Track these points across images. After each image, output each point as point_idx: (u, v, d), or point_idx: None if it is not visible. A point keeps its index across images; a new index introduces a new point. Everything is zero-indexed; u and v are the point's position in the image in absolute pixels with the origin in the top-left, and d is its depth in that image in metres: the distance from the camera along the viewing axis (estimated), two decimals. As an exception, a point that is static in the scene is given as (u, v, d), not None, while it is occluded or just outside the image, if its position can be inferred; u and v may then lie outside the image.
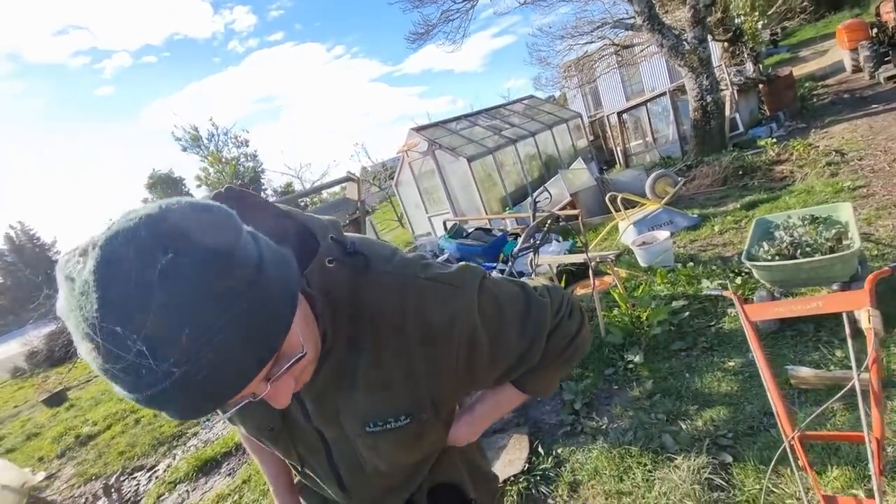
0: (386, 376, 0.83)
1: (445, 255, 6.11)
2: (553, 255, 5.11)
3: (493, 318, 0.87)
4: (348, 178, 4.29)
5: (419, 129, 8.33)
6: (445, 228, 7.42)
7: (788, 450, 1.62)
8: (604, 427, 2.95)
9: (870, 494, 1.88)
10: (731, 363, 3.13)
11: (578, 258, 4.08)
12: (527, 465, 2.77)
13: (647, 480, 2.41)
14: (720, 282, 4.05)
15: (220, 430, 5.10)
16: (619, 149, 11.33)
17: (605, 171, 11.02)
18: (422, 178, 8.78)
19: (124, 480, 4.80)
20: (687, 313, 3.77)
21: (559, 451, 2.87)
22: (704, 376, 3.10)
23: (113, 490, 4.30)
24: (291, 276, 0.66)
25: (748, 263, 3.22)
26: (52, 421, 8.03)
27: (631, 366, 3.47)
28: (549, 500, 2.55)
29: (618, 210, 6.19)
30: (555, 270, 5.17)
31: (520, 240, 3.68)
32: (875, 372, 1.60)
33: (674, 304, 3.99)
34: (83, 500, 4.66)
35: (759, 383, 2.85)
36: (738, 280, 3.92)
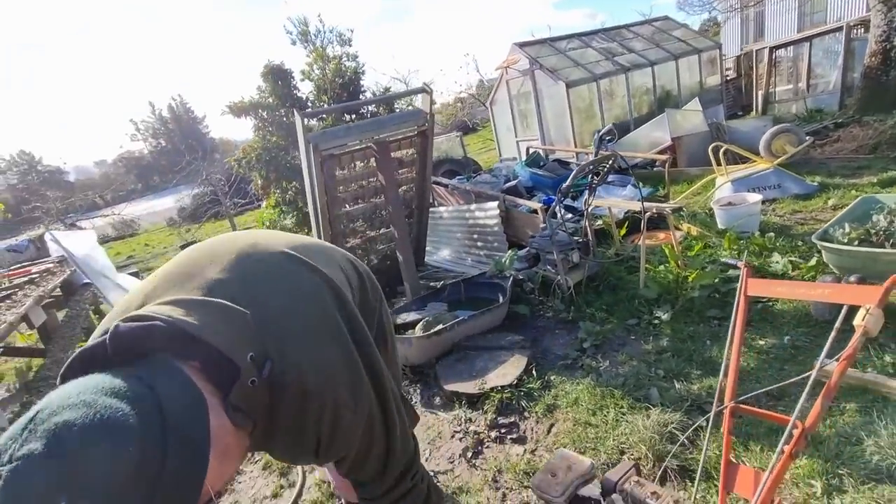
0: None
1: (513, 182, 6.09)
2: (610, 199, 4.88)
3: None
4: (422, 90, 4.37)
5: (522, 45, 7.83)
6: (527, 154, 7.27)
7: (723, 416, 1.65)
8: (601, 368, 3.06)
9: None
10: (762, 342, 2.96)
11: (634, 205, 3.90)
12: (516, 381, 3.03)
13: (616, 420, 2.54)
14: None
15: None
16: (760, 92, 9.67)
17: (736, 118, 9.60)
18: (518, 99, 8.43)
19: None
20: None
21: (551, 377, 3.06)
22: (725, 347, 2.98)
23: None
24: (197, 454, 0.72)
25: (818, 243, 2.87)
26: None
27: (656, 321, 3.42)
28: (525, 413, 2.81)
29: (719, 164, 5.55)
30: (620, 216, 4.96)
31: (571, 176, 3.59)
32: (841, 368, 1.52)
33: (730, 272, 3.71)
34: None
35: (778, 366, 2.71)
36: (813, 261, 3.49)
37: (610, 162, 3.75)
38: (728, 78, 11.34)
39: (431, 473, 2.54)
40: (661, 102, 8.44)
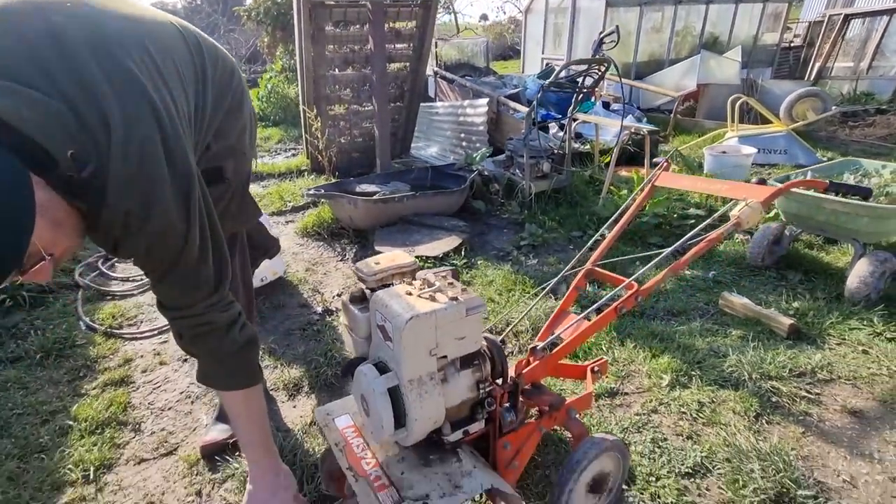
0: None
1: (517, 90, 5.82)
2: (597, 116, 4.68)
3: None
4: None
5: (574, -52, 7.10)
6: (542, 66, 6.88)
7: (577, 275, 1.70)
8: (527, 264, 3.12)
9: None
10: (688, 272, 2.98)
11: (615, 123, 3.75)
12: (442, 255, 3.11)
13: (510, 302, 2.64)
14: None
15: (277, 160, 6.06)
16: (816, 63, 8.89)
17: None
18: (555, 12, 7.81)
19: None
20: (692, 220, 3.46)
21: (479, 261, 3.14)
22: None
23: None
24: (19, 214, 0.77)
25: (774, 183, 2.77)
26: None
27: (600, 238, 3.42)
28: (440, 283, 2.92)
29: (734, 120, 5.25)
30: (607, 142, 4.79)
31: (556, 72, 3.40)
32: (696, 249, 1.53)
33: (691, 210, 3.65)
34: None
35: (690, 293, 2.75)
36: (772, 214, 3.42)
37: (602, 69, 3.54)
38: (790, 44, 10.38)
39: (335, 310, 2.70)
40: (705, 47, 7.80)
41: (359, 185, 4.02)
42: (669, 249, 1.52)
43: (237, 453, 1.69)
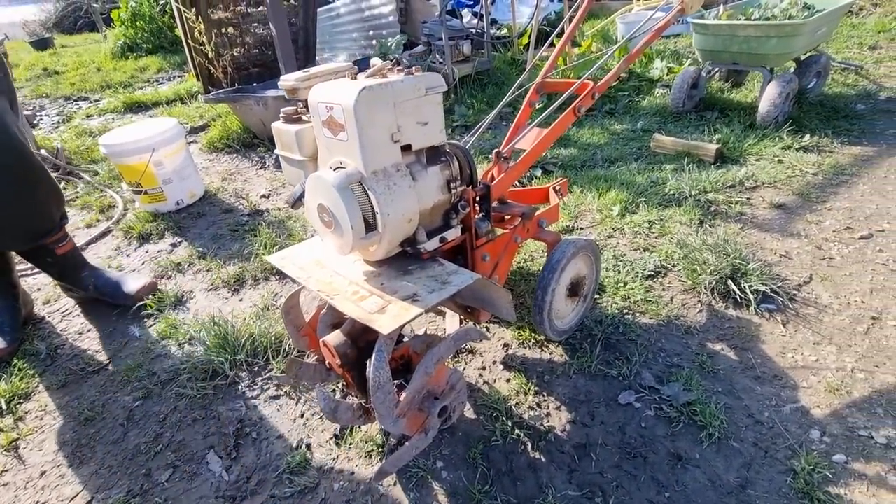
0: None
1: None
2: None
3: None
4: None
5: None
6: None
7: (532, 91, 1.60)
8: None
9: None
10: (617, 127, 3.02)
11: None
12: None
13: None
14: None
15: (162, 88, 5.23)
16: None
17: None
18: None
19: (67, 104, 5.12)
20: (617, 82, 3.49)
21: (413, 146, 2.96)
22: (585, 129, 3.02)
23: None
24: None
25: (692, 22, 2.81)
26: (35, 59, 8.22)
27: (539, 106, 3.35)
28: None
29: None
30: (525, 25, 4.61)
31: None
32: (647, 38, 1.47)
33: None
34: (30, 106, 5.04)
35: (623, 143, 2.79)
36: (686, 63, 3.54)
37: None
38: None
39: (265, 210, 2.44)
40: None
41: (265, 93, 3.56)
42: (618, 45, 1.45)
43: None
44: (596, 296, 1.59)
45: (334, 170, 0.96)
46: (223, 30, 4.38)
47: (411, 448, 1.02)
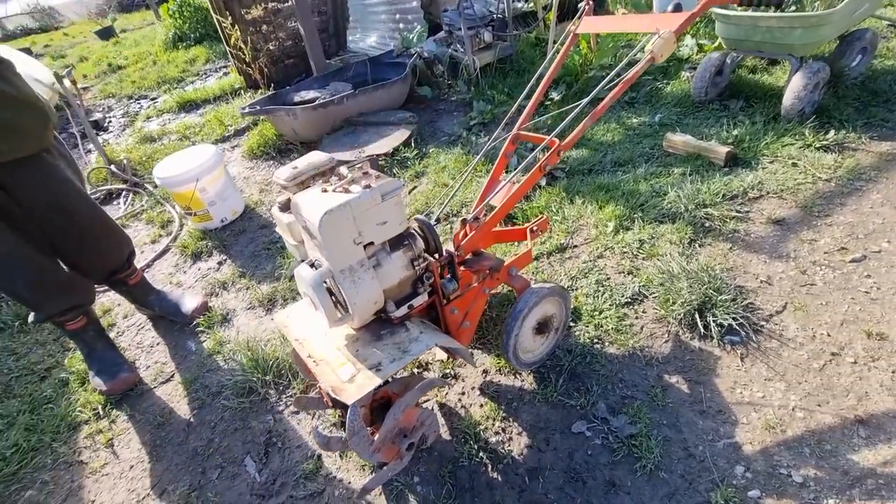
0: None
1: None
2: None
3: None
4: None
5: None
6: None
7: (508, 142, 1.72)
8: (478, 143, 3.10)
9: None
10: (634, 121, 2.99)
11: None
12: (392, 151, 3.07)
13: (470, 182, 2.67)
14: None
15: (210, 83, 5.61)
16: None
17: None
18: None
19: (130, 103, 5.64)
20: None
21: (430, 149, 3.11)
22: (600, 126, 3.02)
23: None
24: None
25: (714, 10, 2.67)
26: (100, 51, 8.90)
27: (548, 102, 3.36)
28: (395, 177, 2.92)
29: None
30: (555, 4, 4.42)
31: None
32: (612, 95, 1.53)
33: (639, 55, 3.52)
34: (101, 108, 5.62)
35: (636, 141, 2.78)
36: (719, 41, 3.33)
37: None
38: None
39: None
40: None
41: (297, 94, 3.79)
42: (586, 100, 1.52)
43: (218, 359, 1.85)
44: (571, 324, 1.75)
45: (312, 265, 1.19)
46: (258, 28, 4.60)
47: (388, 472, 1.30)
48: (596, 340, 1.68)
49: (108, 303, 2.42)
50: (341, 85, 3.97)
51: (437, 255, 1.35)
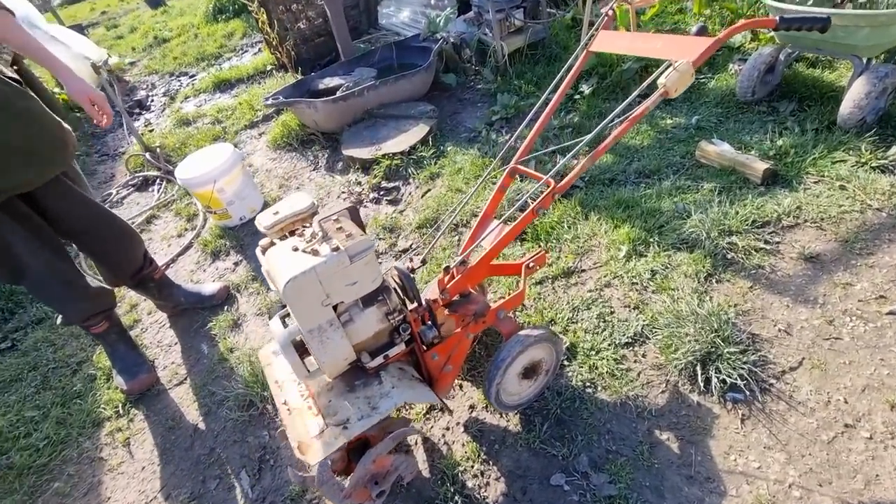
0: None
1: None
2: None
3: None
4: None
5: None
6: None
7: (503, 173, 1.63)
8: (498, 142, 2.97)
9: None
10: (668, 121, 2.75)
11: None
12: (409, 149, 3.00)
13: (483, 188, 2.58)
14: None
15: (245, 60, 5.65)
16: None
17: None
18: None
19: (171, 80, 5.80)
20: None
21: (448, 147, 3.01)
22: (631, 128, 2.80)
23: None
24: None
25: (768, 2, 2.36)
26: (149, 22, 9.13)
27: (577, 96, 3.15)
28: (409, 179, 2.88)
29: None
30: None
31: None
32: (619, 133, 1.40)
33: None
34: (145, 85, 5.82)
35: (668, 146, 2.58)
36: (763, 42, 2.96)
37: None
38: None
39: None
40: None
41: (321, 81, 3.75)
42: (588, 138, 1.40)
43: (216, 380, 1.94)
44: (566, 362, 1.70)
45: (283, 319, 1.20)
46: (288, 6, 4.54)
47: (361, 513, 1.34)
48: (588, 384, 1.62)
49: (136, 298, 2.58)
50: (366, 70, 3.89)
51: (416, 304, 1.32)
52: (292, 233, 1.33)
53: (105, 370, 2.15)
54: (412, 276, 1.32)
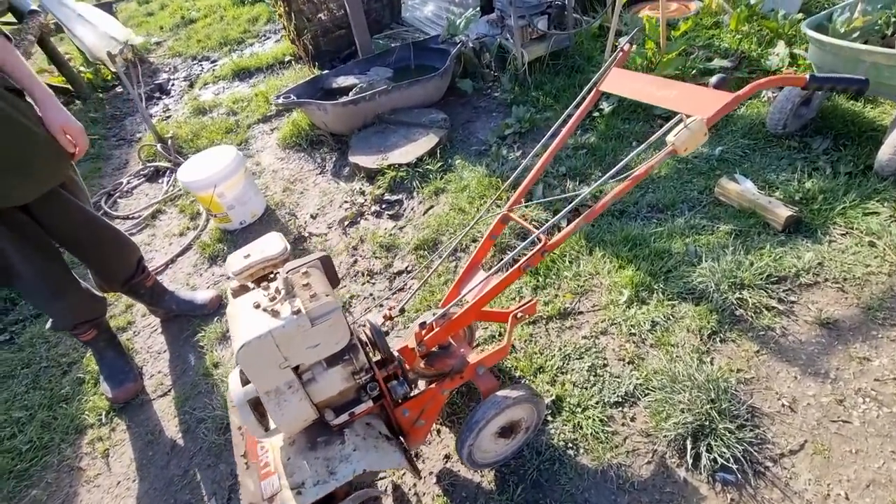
0: None
1: None
2: None
3: None
4: None
5: None
6: None
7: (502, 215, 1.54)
8: (508, 159, 2.85)
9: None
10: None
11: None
12: (415, 161, 2.91)
13: (479, 211, 2.48)
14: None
15: (266, 48, 5.60)
16: None
17: None
18: None
19: (193, 64, 5.80)
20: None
21: (457, 161, 2.91)
22: (648, 152, 2.65)
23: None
24: None
25: (807, 31, 2.17)
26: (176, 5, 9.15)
27: (596, 114, 3.00)
28: (413, 192, 2.79)
29: None
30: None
31: None
32: (617, 193, 1.29)
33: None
34: (167, 68, 5.84)
35: (686, 179, 2.43)
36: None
37: None
38: None
39: (308, 235, 2.72)
40: None
41: (335, 80, 3.67)
42: (586, 192, 1.29)
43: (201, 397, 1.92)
44: (549, 417, 1.61)
45: (242, 373, 1.14)
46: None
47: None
48: (571, 444, 1.54)
49: (130, 301, 2.58)
50: (382, 70, 3.79)
51: (385, 361, 1.26)
52: (263, 278, 1.27)
53: (93, 374, 2.16)
54: (383, 330, 1.25)
